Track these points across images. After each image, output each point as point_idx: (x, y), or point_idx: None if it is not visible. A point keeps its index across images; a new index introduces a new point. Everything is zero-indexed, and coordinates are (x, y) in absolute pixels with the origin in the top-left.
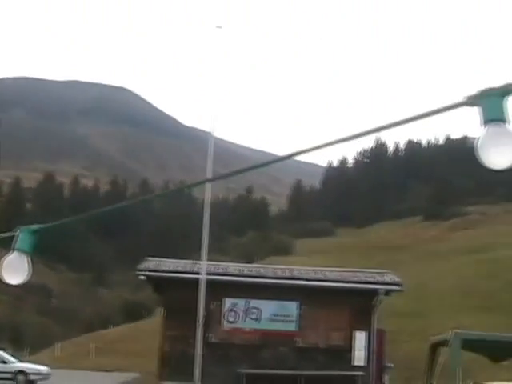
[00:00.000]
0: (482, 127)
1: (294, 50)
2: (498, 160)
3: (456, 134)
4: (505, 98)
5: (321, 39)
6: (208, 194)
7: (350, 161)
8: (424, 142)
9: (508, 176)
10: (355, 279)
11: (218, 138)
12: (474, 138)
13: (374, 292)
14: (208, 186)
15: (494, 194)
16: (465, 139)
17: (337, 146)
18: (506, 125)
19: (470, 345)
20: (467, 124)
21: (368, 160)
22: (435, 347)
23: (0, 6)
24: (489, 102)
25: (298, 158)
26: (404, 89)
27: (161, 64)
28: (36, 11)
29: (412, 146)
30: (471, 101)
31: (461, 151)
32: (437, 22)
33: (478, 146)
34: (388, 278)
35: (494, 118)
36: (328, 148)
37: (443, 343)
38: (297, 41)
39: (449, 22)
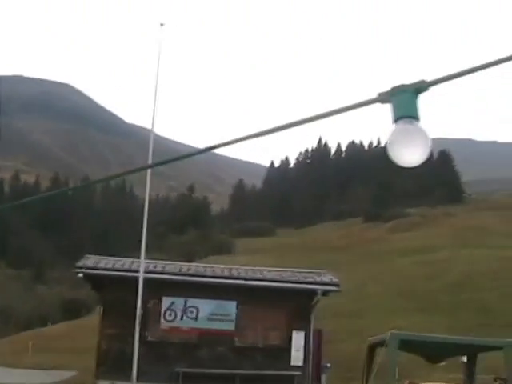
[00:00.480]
0: (393, 124)
1: (234, 46)
2: (409, 158)
3: None
4: (416, 96)
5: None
6: (147, 190)
7: (292, 161)
8: (366, 144)
9: (447, 179)
10: (294, 279)
11: (159, 136)
12: None
13: (312, 292)
14: (148, 183)
15: (434, 197)
16: None
17: (277, 144)
18: (417, 122)
19: (406, 345)
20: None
21: (310, 161)
22: (373, 347)
23: None
24: (400, 99)
25: (240, 157)
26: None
27: (104, 61)
28: None
29: (354, 147)
30: (383, 98)
31: None
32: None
33: (388, 143)
34: (326, 278)
35: (405, 115)
36: (250, 142)
37: (381, 344)
38: (236, 38)
39: (366, 21)
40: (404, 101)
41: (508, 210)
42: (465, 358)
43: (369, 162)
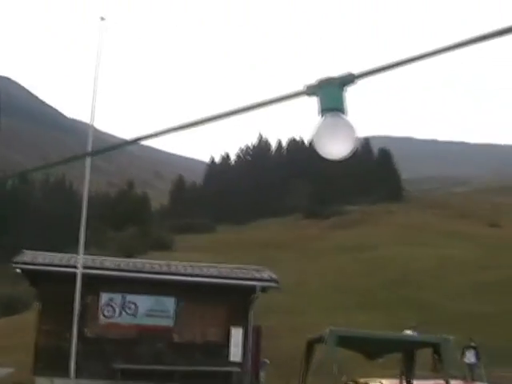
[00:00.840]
0: (319, 116)
1: (177, 42)
2: (334, 150)
3: None
4: (343, 88)
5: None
6: (86, 186)
7: (233, 157)
8: (306, 141)
9: (387, 176)
10: (232, 275)
11: (99, 131)
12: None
13: (251, 289)
14: (87, 179)
15: (374, 194)
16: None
17: (218, 141)
18: (343, 115)
19: (345, 342)
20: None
21: (250, 157)
22: (312, 344)
23: None
24: (326, 91)
25: (181, 153)
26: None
27: (44, 54)
28: None
29: (294, 144)
30: (310, 90)
31: None
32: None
33: (314, 135)
34: (265, 274)
35: (330, 107)
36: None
37: (319, 340)
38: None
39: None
40: (330, 93)
41: (447, 208)
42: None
43: (310, 159)
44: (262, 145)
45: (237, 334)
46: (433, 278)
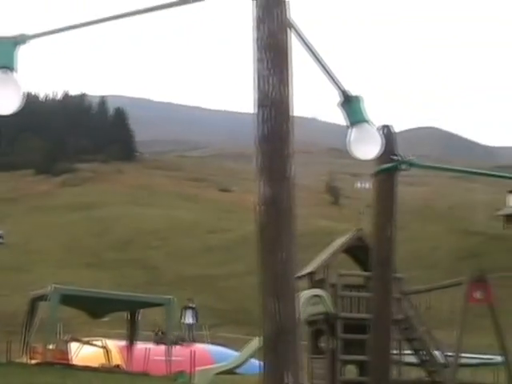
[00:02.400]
0: None
1: None
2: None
3: (74, 91)
4: (15, 47)
5: None
6: None
7: None
8: (42, 96)
9: (121, 136)
10: None
11: None
12: (93, 96)
13: None
14: None
15: (107, 153)
16: (83, 97)
17: None
18: (13, 72)
19: (69, 300)
20: (86, 81)
21: None
22: (35, 302)
23: None
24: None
25: None
26: None
27: None
28: None
29: (29, 98)
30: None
31: (78, 109)
32: None
33: None
34: None
35: (1, 65)
36: None
37: (43, 298)
38: None
39: None
40: (2, 51)
41: (178, 170)
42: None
43: (44, 115)
44: None
45: None
46: (161, 240)
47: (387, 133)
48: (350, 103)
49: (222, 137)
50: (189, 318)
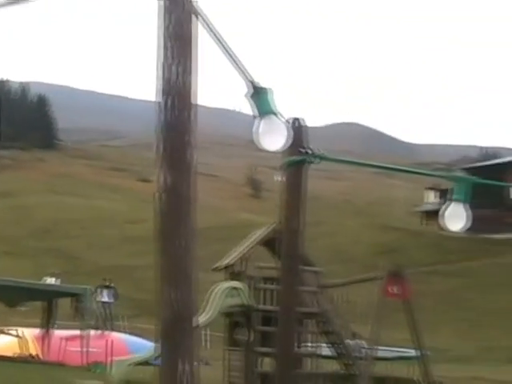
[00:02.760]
0: None
1: None
2: None
3: None
4: None
5: None
6: None
7: None
8: None
9: (43, 124)
10: None
11: None
12: (14, 82)
13: None
14: None
15: (28, 141)
16: (3, 83)
17: None
18: None
19: None
20: (7, 67)
21: None
22: None
23: None
24: None
25: None
26: None
27: None
28: None
29: None
30: None
31: None
32: None
33: None
34: None
35: None
36: None
37: None
38: None
39: None
40: None
41: (99, 159)
42: None
43: None
44: None
45: None
46: (81, 229)
47: (298, 126)
48: (258, 95)
49: (142, 126)
50: (104, 297)
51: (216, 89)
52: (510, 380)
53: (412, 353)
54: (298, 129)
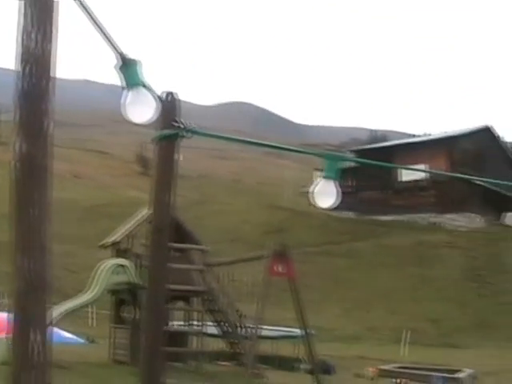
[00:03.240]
0: None
1: None
2: None
3: None
4: None
5: None
6: None
7: None
8: None
9: None
10: None
11: None
12: None
13: None
14: None
15: None
16: None
17: None
18: None
19: None
20: None
21: None
22: None
23: None
24: None
25: None
26: None
27: None
28: None
29: None
30: None
31: None
32: None
33: None
34: None
35: None
36: None
37: None
38: None
39: None
40: None
41: None
42: None
43: None
44: None
45: None
46: None
47: (171, 100)
48: (127, 66)
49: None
50: None
51: (106, 64)
52: (393, 359)
53: (298, 332)
54: (170, 103)
